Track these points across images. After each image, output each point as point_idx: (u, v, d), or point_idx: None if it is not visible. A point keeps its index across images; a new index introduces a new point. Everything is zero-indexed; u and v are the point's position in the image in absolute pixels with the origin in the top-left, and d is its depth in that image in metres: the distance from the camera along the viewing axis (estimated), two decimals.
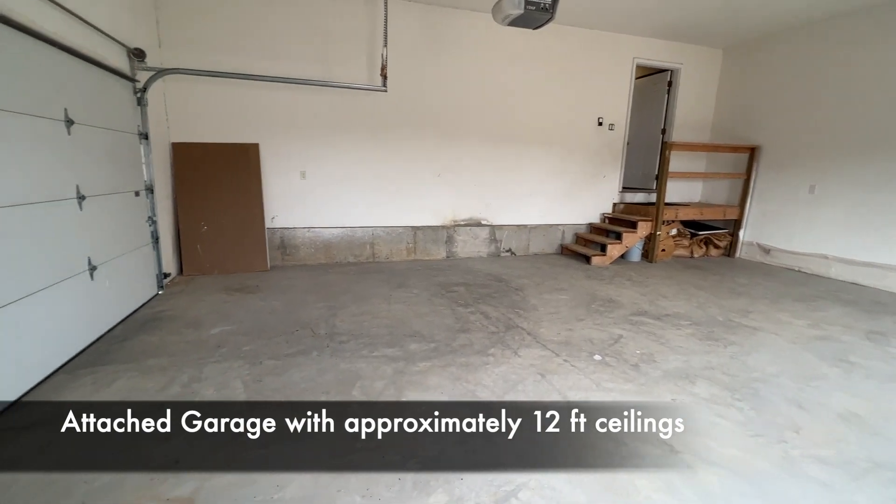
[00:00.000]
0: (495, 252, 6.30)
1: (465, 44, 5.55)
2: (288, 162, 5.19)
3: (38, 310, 2.43)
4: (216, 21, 4.66)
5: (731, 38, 6.27)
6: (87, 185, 2.97)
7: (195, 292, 4.17)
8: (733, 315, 3.89)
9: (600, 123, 6.41)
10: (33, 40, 2.50)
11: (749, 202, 6.38)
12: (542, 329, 3.44)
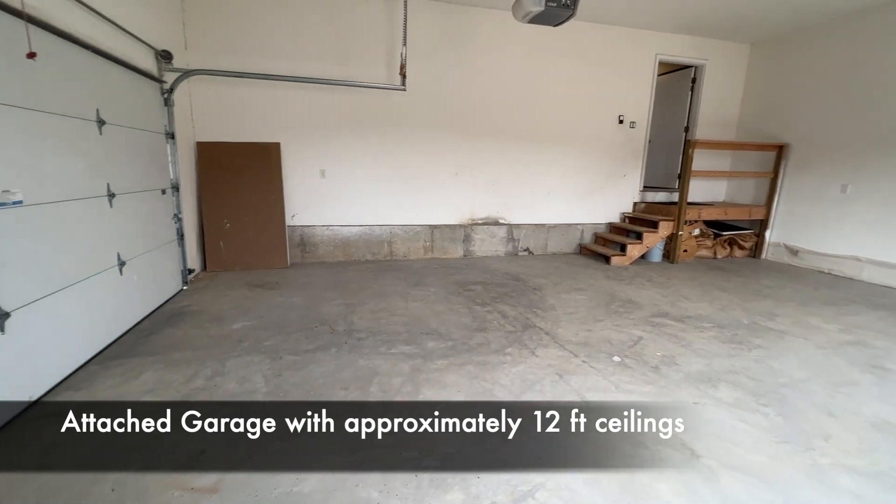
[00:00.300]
0: (513, 251, 6.27)
1: (484, 42, 5.52)
2: (308, 161, 5.26)
3: (73, 302, 2.53)
4: (240, 23, 4.75)
5: (759, 32, 6.08)
6: (117, 184, 3.07)
7: (218, 288, 4.27)
8: (759, 318, 3.78)
9: (621, 121, 6.30)
10: (69, 44, 2.60)
11: (776, 202, 6.18)
12: (560, 329, 3.40)
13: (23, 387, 2.15)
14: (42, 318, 2.29)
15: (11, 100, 2.14)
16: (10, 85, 2.15)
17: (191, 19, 4.61)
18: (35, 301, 2.24)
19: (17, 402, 2.12)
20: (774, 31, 6.02)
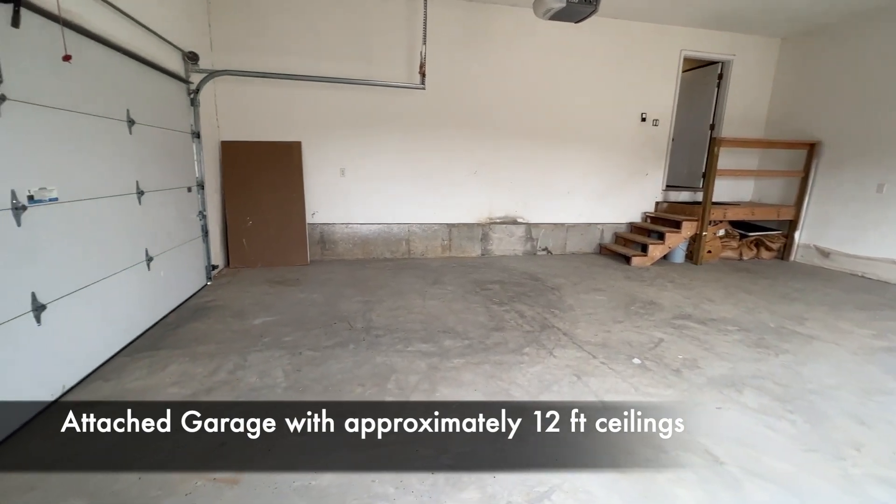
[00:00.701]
0: (531, 250, 6.22)
1: (504, 39, 5.49)
2: (328, 159, 5.33)
3: (104, 296, 2.63)
4: (263, 24, 4.84)
5: (792, 26, 5.86)
6: (146, 181, 3.17)
7: (240, 284, 4.37)
8: (787, 322, 3.66)
9: (644, 119, 6.17)
10: (102, 47, 2.70)
11: (807, 202, 5.96)
12: (578, 330, 3.36)
13: (56, 376, 2.25)
14: (75, 310, 2.38)
15: (48, 101, 2.23)
16: (47, 87, 2.24)
17: (216, 21, 4.72)
18: (69, 294, 2.34)
19: (51, 391, 2.21)
20: (808, 25, 5.79)
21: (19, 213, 2.01)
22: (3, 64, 1.93)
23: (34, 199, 2.10)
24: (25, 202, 2.04)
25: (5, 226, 1.95)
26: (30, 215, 2.06)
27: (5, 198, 1.94)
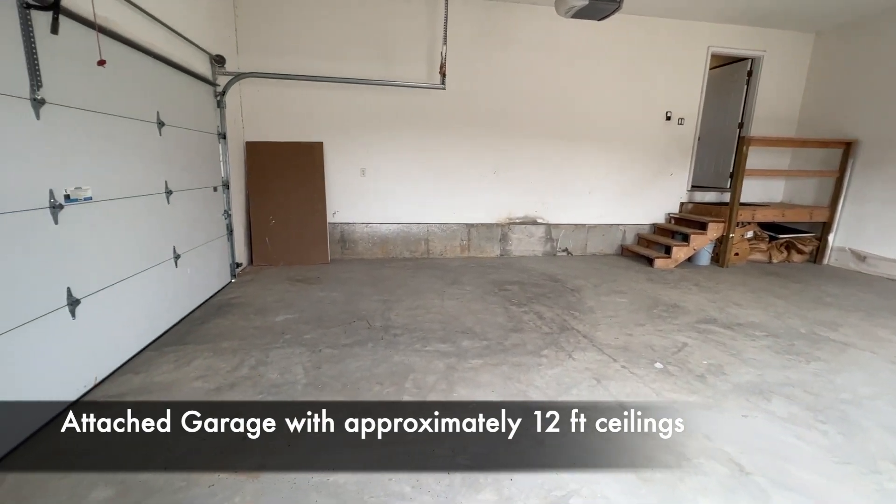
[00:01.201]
0: (551, 251, 6.16)
1: (525, 38, 5.44)
2: (349, 159, 5.39)
3: (134, 291, 2.73)
4: (288, 27, 4.94)
5: (826, 20, 5.62)
6: (174, 181, 3.28)
7: (263, 281, 4.47)
8: (819, 328, 3.52)
9: (668, 118, 6.03)
10: (134, 51, 2.79)
11: (842, 203, 5.72)
12: (598, 332, 3.31)
13: (89, 368, 2.34)
14: (107, 305, 2.48)
15: (83, 104, 2.33)
16: (82, 90, 2.33)
17: (243, 25, 4.84)
18: (102, 289, 2.43)
19: (84, 382, 2.30)
20: (844, 19, 5.55)
21: (56, 211, 2.10)
22: (42, 69, 2.03)
23: (70, 199, 2.19)
24: (62, 201, 2.13)
25: (44, 224, 2.04)
26: (66, 214, 2.16)
27: (44, 197, 2.03)
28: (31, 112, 1.98)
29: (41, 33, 2.03)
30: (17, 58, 1.92)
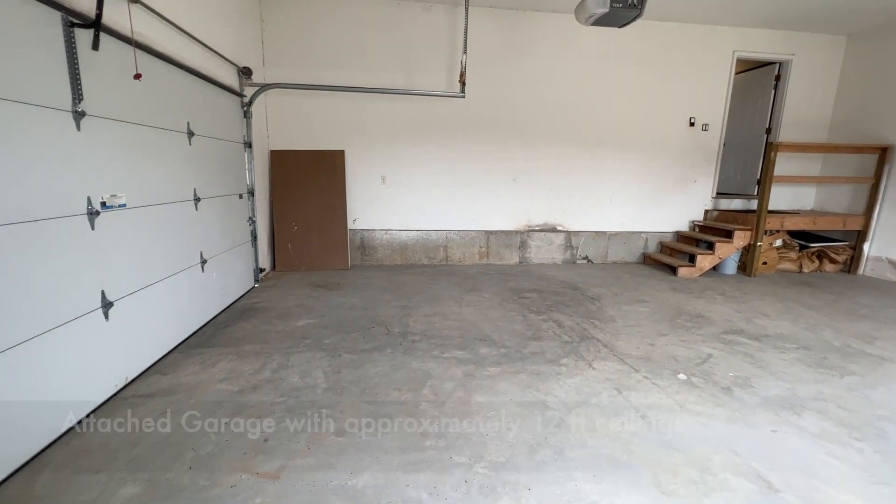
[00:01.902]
0: (570, 259, 6.09)
1: (544, 46, 5.45)
2: (370, 167, 5.48)
3: (163, 295, 2.82)
4: (312, 39, 5.08)
5: (858, 22, 5.44)
6: (202, 189, 3.39)
7: (285, 287, 4.56)
8: (853, 341, 3.37)
9: (692, 124, 5.92)
10: (167, 65, 2.92)
11: (878, 210, 5.48)
12: (619, 342, 3.25)
13: (120, 368, 2.43)
14: (138, 308, 2.57)
15: (119, 115, 2.44)
16: (120, 103, 2.45)
17: (269, 38, 5.00)
18: (133, 293, 2.53)
19: (115, 382, 2.39)
20: (878, 20, 5.36)
21: (93, 217, 2.20)
22: (83, 83, 2.14)
23: (106, 205, 2.30)
24: (99, 208, 2.24)
25: (81, 229, 2.14)
26: (102, 220, 2.26)
27: (82, 204, 2.14)
28: (72, 124, 2.10)
29: (83, 50, 2.15)
30: (61, 73, 2.04)
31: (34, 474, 1.76)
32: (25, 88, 1.85)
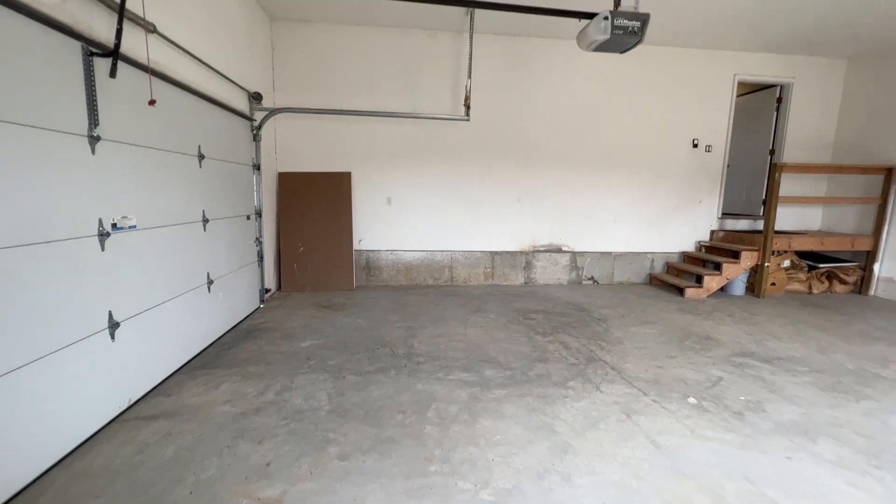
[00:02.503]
0: (576, 279, 6.06)
1: (548, 71, 5.57)
2: (376, 188, 5.55)
3: (169, 316, 2.83)
4: (321, 64, 5.22)
5: (858, 46, 5.53)
6: (211, 210, 3.45)
7: (290, 307, 4.56)
8: (868, 363, 3.30)
9: (695, 145, 5.97)
10: (180, 91, 3.01)
11: (886, 231, 5.44)
12: (627, 364, 3.20)
13: (124, 389, 2.42)
14: (144, 329, 2.58)
15: (133, 139, 2.51)
16: (133, 127, 2.52)
17: (279, 64, 5.16)
18: (140, 313, 2.54)
19: (119, 404, 2.38)
20: (877, 44, 5.44)
21: (104, 239, 2.24)
22: (100, 108, 2.21)
23: (117, 227, 2.34)
24: (109, 229, 2.28)
25: (92, 250, 2.17)
26: (112, 241, 2.30)
27: (93, 226, 2.18)
28: (87, 148, 2.16)
29: (101, 77, 2.22)
30: (78, 99, 2.11)
31: (34, 498, 1.74)
32: (45, 115, 1.91)
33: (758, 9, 4.55)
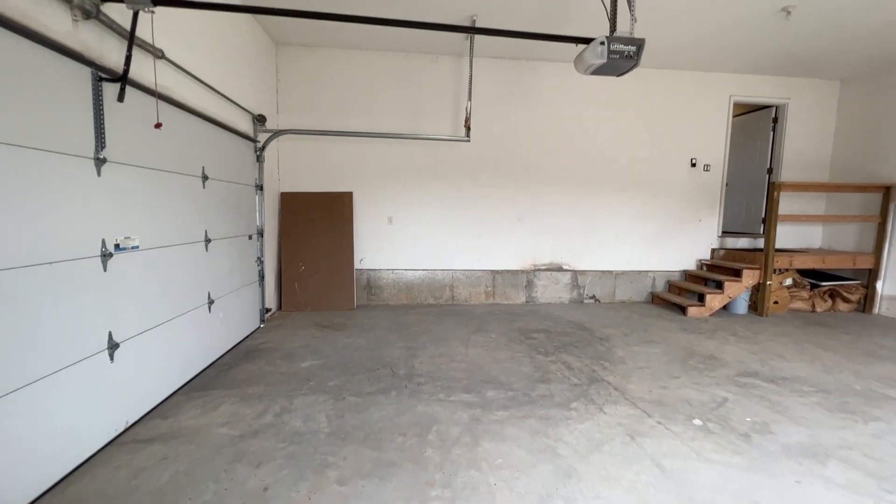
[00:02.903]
0: (578, 298, 6.04)
1: (546, 92, 5.67)
2: (377, 208, 5.59)
3: (169, 336, 2.82)
4: (324, 87, 5.34)
5: (850, 68, 5.65)
6: (213, 230, 3.47)
7: (290, 327, 4.54)
8: (875, 384, 3.25)
9: (694, 164, 6.03)
10: (186, 114, 3.07)
11: (887, 249, 5.44)
12: (630, 385, 3.16)
13: (121, 412, 2.39)
14: (143, 350, 2.57)
15: (138, 162, 2.55)
16: (139, 149, 2.56)
17: (284, 87, 5.27)
18: (140, 334, 2.53)
19: (115, 426, 2.35)
20: (868, 67, 5.56)
21: (106, 259, 2.25)
22: (107, 132, 2.25)
23: (119, 247, 2.35)
24: (112, 250, 2.29)
25: (94, 271, 2.18)
26: (114, 262, 2.31)
27: (96, 246, 2.19)
28: (93, 170, 2.19)
29: (109, 101, 2.28)
30: (86, 123, 2.16)
31: None
32: (53, 138, 1.95)
33: (744, 33, 4.66)
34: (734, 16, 4.29)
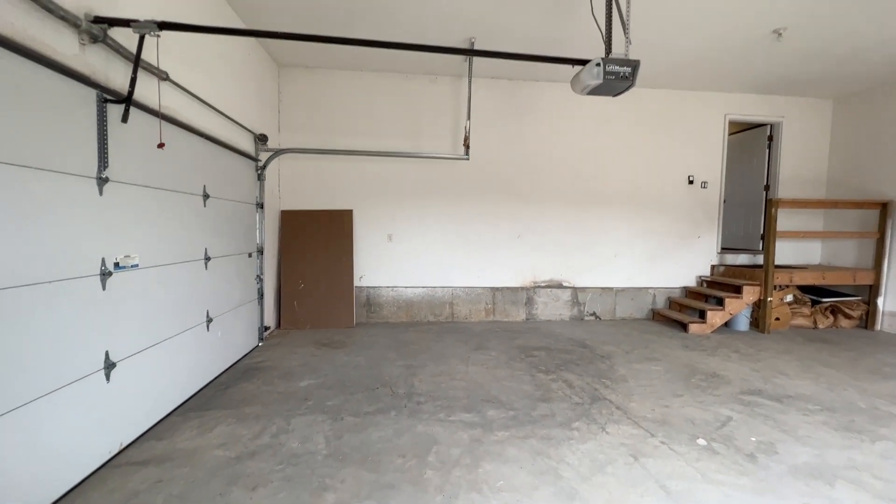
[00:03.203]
0: (578, 315, 6.01)
1: (544, 111, 5.76)
2: (377, 226, 5.61)
3: (166, 355, 2.80)
4: (325, 106, 5.42)
5: (843, 88, 5.76)
6: (213, 248, 3.47)
7: (289, 345, 4.50)
8: (880, 402, 3.21)
9: (691, 182, 6.08)
10: (188, 133, 3.11)
11: (887, 265, 5.44)
12: (632, 403, 3.12)
13: (116, 433, 2.35)
14: (140, 369, 2.54)
15: (140, 181, 2.57)
16: (142, 169, 2.59)
17: (285, 106, 5.35)
18: (137, 353, 2.51)
19: (110, 448, 2.31)
20: (860, 87, 5.67)
21: (105, 278, 2.25)
22: (110, 152, 2.28)
23: (119, 266, 2.35)
24: (112, 269, 2.29)
25: (93, 290, 2.18)
26: (114, 280, 2.30)
27: (96, 265, 2.19)
28: (95, 189, 2.21)
29: (112, 122, 2.31)
30: (90, 143, 2.18)
31: None
32: (56, 158, 1.97)
33: (737, 54, 4.77)
34: (727, 38, 4.39)
